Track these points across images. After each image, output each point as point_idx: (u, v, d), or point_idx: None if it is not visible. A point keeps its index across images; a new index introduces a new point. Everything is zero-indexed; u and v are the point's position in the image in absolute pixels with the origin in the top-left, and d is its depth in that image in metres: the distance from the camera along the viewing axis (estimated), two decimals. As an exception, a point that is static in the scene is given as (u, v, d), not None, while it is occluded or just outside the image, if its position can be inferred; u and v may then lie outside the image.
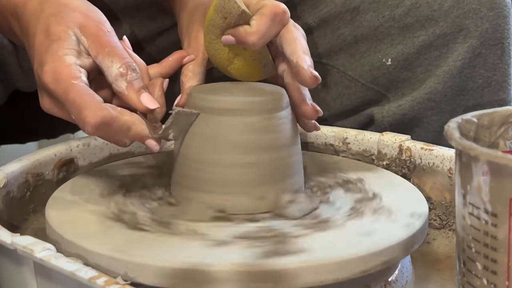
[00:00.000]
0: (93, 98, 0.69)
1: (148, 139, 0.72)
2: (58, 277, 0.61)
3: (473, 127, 0.63)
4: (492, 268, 0.57)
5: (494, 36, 0.90)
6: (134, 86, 0.72)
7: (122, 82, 0.72)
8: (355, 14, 0.94)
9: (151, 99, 0.72)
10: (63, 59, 0.71)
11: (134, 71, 0.72)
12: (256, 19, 0.76)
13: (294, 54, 0.75)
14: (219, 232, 0.68)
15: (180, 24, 0.88)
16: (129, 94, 0.72)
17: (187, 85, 0.80)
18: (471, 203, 0.58)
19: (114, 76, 0.72)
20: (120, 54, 0.73)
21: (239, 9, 0.76)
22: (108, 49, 0.72)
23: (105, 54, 0.72)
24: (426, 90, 0.92)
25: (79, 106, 0.69)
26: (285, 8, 0.77)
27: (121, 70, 0.72)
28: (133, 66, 0.73)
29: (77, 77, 0.70)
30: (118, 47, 0.73)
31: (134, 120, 0.71)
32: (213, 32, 0.79)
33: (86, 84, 0.70)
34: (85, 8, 0.75)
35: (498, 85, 0.91)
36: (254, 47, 0.77)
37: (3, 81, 0.97)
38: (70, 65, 0.71)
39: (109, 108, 0.69)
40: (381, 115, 0.94)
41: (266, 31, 0.76)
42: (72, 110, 0.70)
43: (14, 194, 0.78)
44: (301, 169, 0.77)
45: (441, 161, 0.82)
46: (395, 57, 0.93)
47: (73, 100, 0.69)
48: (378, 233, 0.68)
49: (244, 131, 0.72)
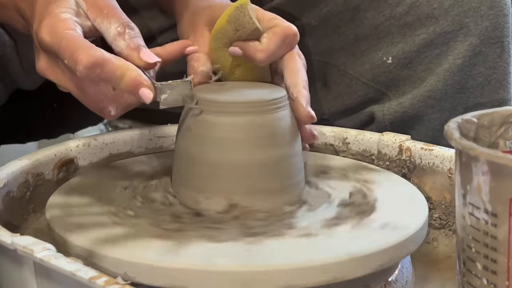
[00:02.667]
0: (86, 42, 0.69)
1: (142, 87, 0.69)
2: (58, 277, 0.61)
3: (473, 127, 0.63)
4: (492, 268, 0.57)
5: (494, 35, 0.90)
6: (133, 44, 0.71)
7: (121, 41, 0.71)
8: (356, 12, 0.94)
9: (151, 54, 0.71)
10: (60, 15, 0.71)
11: (133, 29, 0.72)
12: (267, 37, 0.77)
13: (295, 87, 0.76)
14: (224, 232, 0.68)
15: (182, 22, 0.87)
16: (128, 52, 0.71)
17: (200, 68, 0.79)
18: (471, 203, 0.58)
19: (112, 36, 0.72)
20: (118, 15, 0.72)
21: (253, 25, 0.76)
22: (106, 11, 0.72)
23: (103, 17, 0.72)
24: (427, 88, 0.92)
25: (72, 48, 0.68)
26: (296, 31, 0.78)
27: (119, 29, 0.71)
28: (131, 25, 0.72)
29: (72, 28, 0.70)
30: (116, 8, 0.73)
31: (129, 66, 0.69)
32: (221, 41, 0.79)
33: (80, 35, 0.70)
34: None
35: (498, 83, 0.91)
36: (261, 63, 0.78)
37: (4, 80, 0.97)
38: (66, 19, 0.71)
39: (103, 51, 0.69)
40: (382, 113, 0.95)
41: (275, 50, 0.77)
42: (65, 54, 0.69)
43: (14, 194, 0.78)
44: (301, 169, 0.77)
45: (441, 161, 0.82)
46: (395, 55, 0.93)
47: (66, 46, 0.69)
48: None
49: (244, 130, 0.72)
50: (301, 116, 0.76)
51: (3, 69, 0.96)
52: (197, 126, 0.73)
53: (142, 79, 0.69)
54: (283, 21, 0.79)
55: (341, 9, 0.95)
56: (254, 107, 0.73)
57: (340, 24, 0.96)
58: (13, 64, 0.95)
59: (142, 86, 0.69)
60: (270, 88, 0.77)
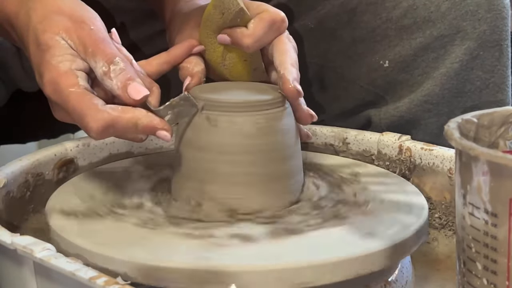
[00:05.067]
0: (92, 103, 0.68)
1: (158, 131, 0.70)
2: (58, 277, 0.61)
3: (473, 127, 0.63)
4: (492, 268, 0.57)
5: (492, 38, 0.90)
6: (120, 83, 0.70)
7: (108, 81, 0.70)
8: (352, 15, 0.94)
9: (138, 89, 0.69)
10: (58, 67, 0.70)
11: (117, 65, 0.70)
12: (254, 22, 0.77)
13: (282, 65, 0.76)
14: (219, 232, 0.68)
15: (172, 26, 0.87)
16: (117, 92, 0.70)
17: (195, 69, 0.79)
18: (471, 203, 0.58)
19: (100, 76, 0.70)
20: (102, 51, 0.70)
21: (238, 6, 0.77)
22: (92, 49, 0.70)
23: (89, 55, 0.70)
24: (424, 92, 0.91)
25: (79, 113, 0.68)
26: (284, 16, 0.79)
27: (104, 69, 0.70)
28: (115, 60, 0.70)
29: (75, 83, 0.69)
30: (101, 43, 0.71)
31: (138, 115, 0.69)
32: (210, 27, 0.80)
33: (85, 88, 0.69)
34: (70, 8, 0.73)
35: (496, 87, 0.91)
36: (248, 49, 0.78)
37: (4, 81, 0.97)
38: (66, 72, 0.69)
39: (109, 110, 0.68)
40: (379, 117, 0.95)
41: (261, 36, 0.77)
42: (75, 118, 0.69)
43: (14, 194, 0.78)
44: (301, 169, 0.77)
45: (441, 161, 0.83)
46: (392, 59, 0.93)
47: (73, 108, 0.68)
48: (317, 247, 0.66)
49: (244, 130, 0.73)
50: (287, 91, 0.75)
51: (4, 73, 0.95)
52: (197, 126, 0.73)
53: (155, 123, 0.69)
54: (270, 7, 0.79)
55: (338, 11, 0.95)
56: (254, 107, 0.73)
57: (337, 27, 0.95)
58: (15, 68, 0.95)
59: (157, 130, 0.70)
60: (269, 88, 0.77)
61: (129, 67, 0.71)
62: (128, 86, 0.69)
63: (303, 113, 0.77)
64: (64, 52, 0.70)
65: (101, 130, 0.68)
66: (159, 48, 1.01)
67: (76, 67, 0.70)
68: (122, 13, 0.99)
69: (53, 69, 0.70)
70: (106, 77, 0.70)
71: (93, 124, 0.67)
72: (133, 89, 0.69)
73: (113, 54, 0.70)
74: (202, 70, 0.80)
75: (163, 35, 1.01)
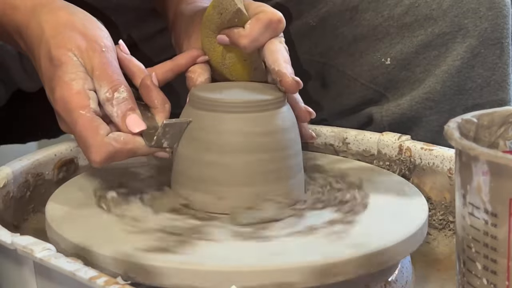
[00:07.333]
0: (97, 133, 0.70)
1: (156, 153, 0.74)
2: (58, 277, 0.61)
3: (473, 127, 0.63)
4: (492, 268, 0.57)
5: (493, 36, 0.90)
6: (120, 111, 0.72)
7: (109, 107, 0.72)
8: (354, 13, 0.94)
9: (136, 122, 0.72)
10: (71, 85, 0.71)
11: (121, 93, 0.72)
12: (251, 23, 0.78)
13: (276, 62, 0.76)
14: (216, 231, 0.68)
15: (177, 28, 0.88)
16: (116, 120, 0.72)
17: (199, 80, 0.80)
18: (471, 203, 0.58)
19: (102, 101, 0.72)
20: (109, 77, 0.72)
21: (235, 7, 0.77)
22: (98, 72, 0.72)
23: (95, 78, 0.72)
24: (425, 90, 0.91)
25: (84, 142, 0.70)
26: (281, 17, 0.79)
27: (107, 95, 0.72)
28: (120, 88, 0.72)
29: (85, 105, 0.70)
30: (108, 68, 0.73)
31: (138, 146, 0.72)
32: (209, 27, 0.80)
33: (94, 112, 0.71)
34: (83, 25, 0.75)
35: (497, 84, 0.91)
36: (245, 49, 0.78)
37: (4, 81, 0.97)
38: (78, 92, 0.71)
39: (113, 142, 0.70)
40: (380, 114, 0.94)
41: (258, 36, 0.78)
42: (79, 143, 0.71)
43: (14, 194, 0.78)
44: (301, 169, 0.77)
45: (441, 161, 0.83)
46: (394, 56, 0.92)
47: (79, 133, 0.70)
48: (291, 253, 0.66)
49: (244, 130, 0.72)
50: (286, 84, 0.75)
51: (4, 73, 0.96)
52: (196, 125, 0.73)
53: (152, 150, 0.73)
54: (269, 8, 0.79)
55: (339, 9, 0.95)
56: (254, 107, 0.73)
57: (339, 24, 0.95)
58: (15, 70, 0.95)
59: (156, 153, 0.73)
60: (270, 88, 0.77)
61: (132, 98, 0.73)
62: (127, 116, 0.72)
63: (301, 110, 0.77)
64: (76, 70, 0.72)
65: (103, 161, 0.70)
66: (160, 46, 1.01)
67: (88, 86, 0.72)
68: (124, 11, 0.99)
69: (65, 86, 0.71)
70: (108, 103, 0.72)
71: (95, 156, 0.70)
72: (132, 121, 0.72)
73: (119, 82, 0.73)
74: (206, 80, 0.81)
75: (164, 33, 1.01)
